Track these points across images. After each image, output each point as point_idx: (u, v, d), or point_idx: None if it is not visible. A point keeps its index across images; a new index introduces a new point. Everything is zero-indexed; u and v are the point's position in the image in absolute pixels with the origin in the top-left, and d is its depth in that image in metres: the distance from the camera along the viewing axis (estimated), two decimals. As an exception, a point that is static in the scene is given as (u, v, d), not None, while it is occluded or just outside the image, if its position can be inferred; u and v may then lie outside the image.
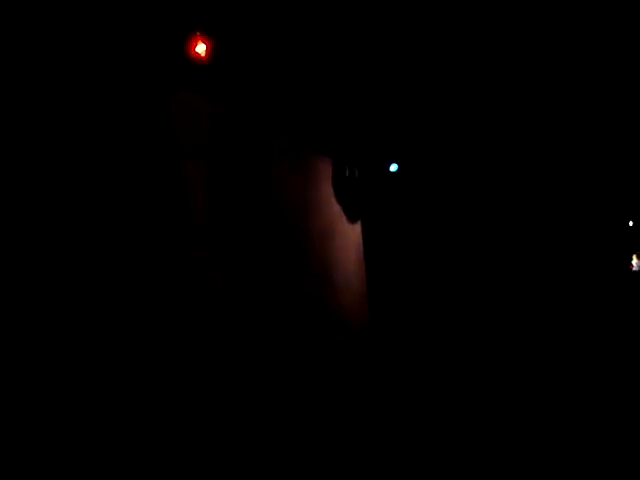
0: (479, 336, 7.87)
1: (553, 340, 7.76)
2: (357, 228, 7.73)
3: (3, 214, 2.99)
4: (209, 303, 4.42)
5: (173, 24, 4.22)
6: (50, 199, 3.21)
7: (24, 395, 2.96)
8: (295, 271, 5.89)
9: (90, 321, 3.34)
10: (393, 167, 8.08)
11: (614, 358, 6.83)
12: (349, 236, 7.44)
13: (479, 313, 8.18)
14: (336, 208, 7.18)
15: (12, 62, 3.12)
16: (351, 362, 6.41)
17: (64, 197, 3.30)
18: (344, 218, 7.36)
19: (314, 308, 6.14)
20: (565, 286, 8.71)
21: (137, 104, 3.92)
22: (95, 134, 3.55)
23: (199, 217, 4.46)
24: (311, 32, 5.11)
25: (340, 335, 6.50)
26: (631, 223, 10.04)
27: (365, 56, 5.71)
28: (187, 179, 4.33)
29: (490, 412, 5.17)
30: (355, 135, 7.30)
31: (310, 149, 6.59)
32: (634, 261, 9.88)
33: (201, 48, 4.34)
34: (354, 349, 6.66)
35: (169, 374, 3.85)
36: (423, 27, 5.37)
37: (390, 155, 8.05)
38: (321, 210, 6.78)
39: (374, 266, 7.85)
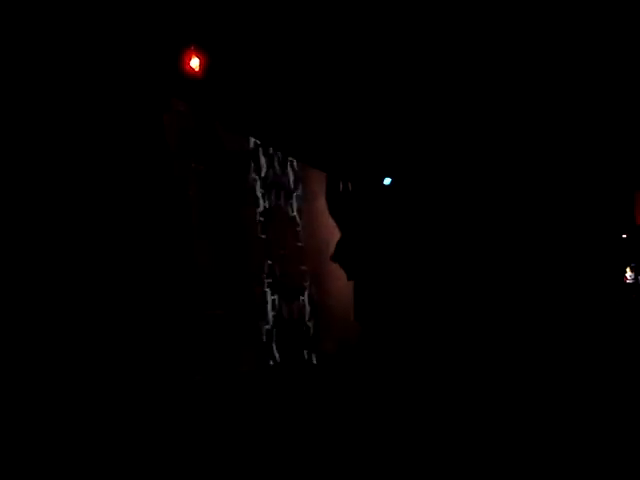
0: (473, 349, 7.86)
1: (547, 351, 7.75)
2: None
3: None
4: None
5: (168, 40, 4.30)
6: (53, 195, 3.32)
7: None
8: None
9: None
10: (387, 181, 8.15)
11: (609, 369, 6.83)
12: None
13: (474, 326, 8.18)
14: (330, 222, 7.22)
15: (24, 73, 3.24)
16: (343, 372, 6.41)
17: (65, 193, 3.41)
18: (338, 232, 7.39)
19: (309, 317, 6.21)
20: (560, 299, 8.72)
21: (135, 117, 4.00)
22: (97, 144, 3.65)
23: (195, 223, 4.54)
24: (305, 48, 5.19)
25: (332, 344, 6.54)
26: (624, 236, 10.09)
27: (358, 71, 5.79)
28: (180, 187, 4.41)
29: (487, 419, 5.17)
30: (349, 150, 7.36)
31: (304, 163, 6.64)
32: (628, 274, 9.92)
33: (195, 62, 4.43)
34: (347, 358, 6.68)
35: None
36: (416, 45, 5.46)
37: (384, 169, 8.12)
38: (316, 224, 6.82)
39: (367, 280, 7.86)
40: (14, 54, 3.19)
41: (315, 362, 6.05)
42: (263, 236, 5.59)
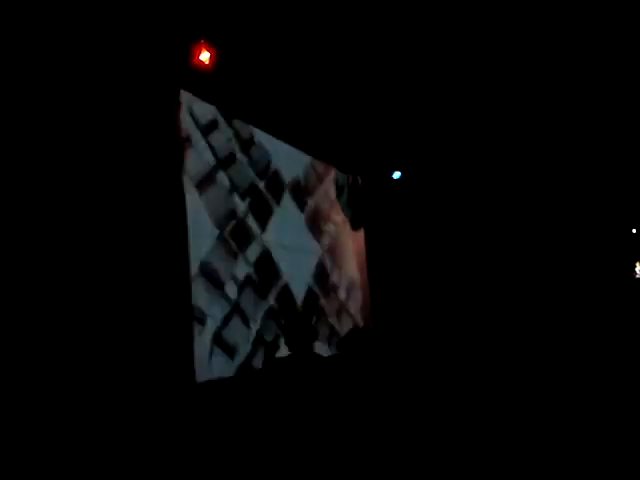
0: (480, 344, 7.85)
1: (557, 348, 7.73)
2: (360, 235, 7.74)
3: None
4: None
5: (179, 33, 4.28)
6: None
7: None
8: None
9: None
10: (396, 174, 8.11)
11: (617, 365, 6.80)
12: (352, 243, 7.46)
13: (482, 320, 8.17)
14: (339, 216, 7.20)
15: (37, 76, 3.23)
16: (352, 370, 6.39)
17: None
18: (347, 225, 7.37)
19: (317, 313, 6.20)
20: (569, 294, 8.70)
21: (145, 109, 3.99)
22: (107, 135, 3.65)
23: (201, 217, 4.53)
24: (316, 41, 5.15)
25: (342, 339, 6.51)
26: (634, 230, 10.04)
27: (368, 65, 5.75)
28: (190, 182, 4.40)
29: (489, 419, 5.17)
30: (358, 143, 7.32)
31: (313, 157, 6.61)
32: (637, 268, 9.87)
33: (205, 56, 4.40)
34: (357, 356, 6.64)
35: None
36: (424, 40, 5.42)
37: (393, 163, 8.08)
38: (325, 218, 6.80)
39: (377, 273, 7.84)
40: (19, 50, 3.19)
41: (326, 358, 6.02)
42: (270, 233, 5.59)
